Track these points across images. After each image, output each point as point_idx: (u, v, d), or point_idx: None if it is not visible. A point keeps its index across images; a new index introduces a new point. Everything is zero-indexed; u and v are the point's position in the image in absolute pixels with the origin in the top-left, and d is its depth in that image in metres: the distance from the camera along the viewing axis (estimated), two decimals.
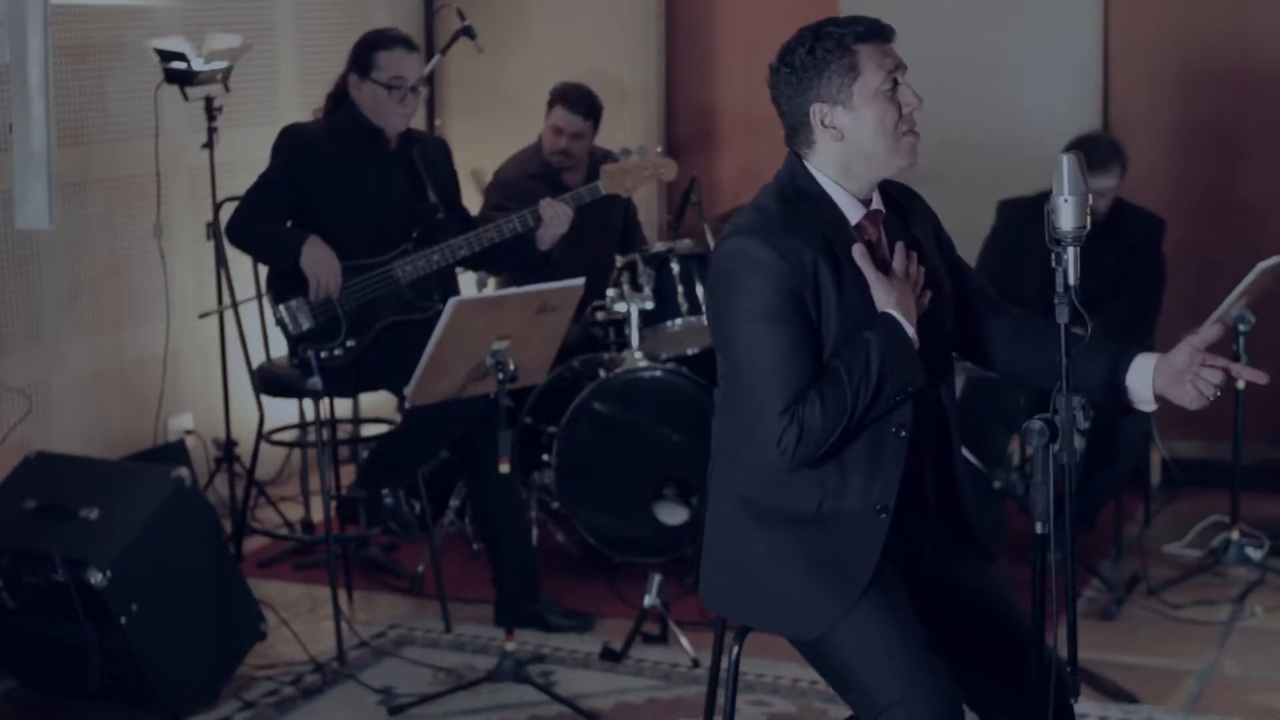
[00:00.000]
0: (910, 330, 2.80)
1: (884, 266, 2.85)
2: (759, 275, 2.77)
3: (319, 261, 4.64)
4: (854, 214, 2.88)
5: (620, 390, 5.15)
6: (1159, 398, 2.87)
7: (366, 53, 4.74)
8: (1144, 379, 2.87)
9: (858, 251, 2.82)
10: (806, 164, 2.89)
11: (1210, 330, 2.88)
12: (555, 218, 4.73)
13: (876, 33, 2.84)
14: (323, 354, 4.66)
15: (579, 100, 5.80)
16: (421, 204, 4.76)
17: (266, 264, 4.83)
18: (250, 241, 4.80)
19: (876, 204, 2.91)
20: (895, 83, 2.83)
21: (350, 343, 4.71)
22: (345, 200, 4.71)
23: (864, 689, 2.78)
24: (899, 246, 2.87)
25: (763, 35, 6.60)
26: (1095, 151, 5.17)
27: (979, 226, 5.63)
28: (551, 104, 5.85)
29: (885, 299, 2.81)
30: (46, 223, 3.98)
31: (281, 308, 4.73)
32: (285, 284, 4.71)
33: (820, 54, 2.82)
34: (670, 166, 4.99)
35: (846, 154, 2.85)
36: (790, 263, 2.77)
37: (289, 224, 4.75)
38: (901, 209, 2.97)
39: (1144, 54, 6.16)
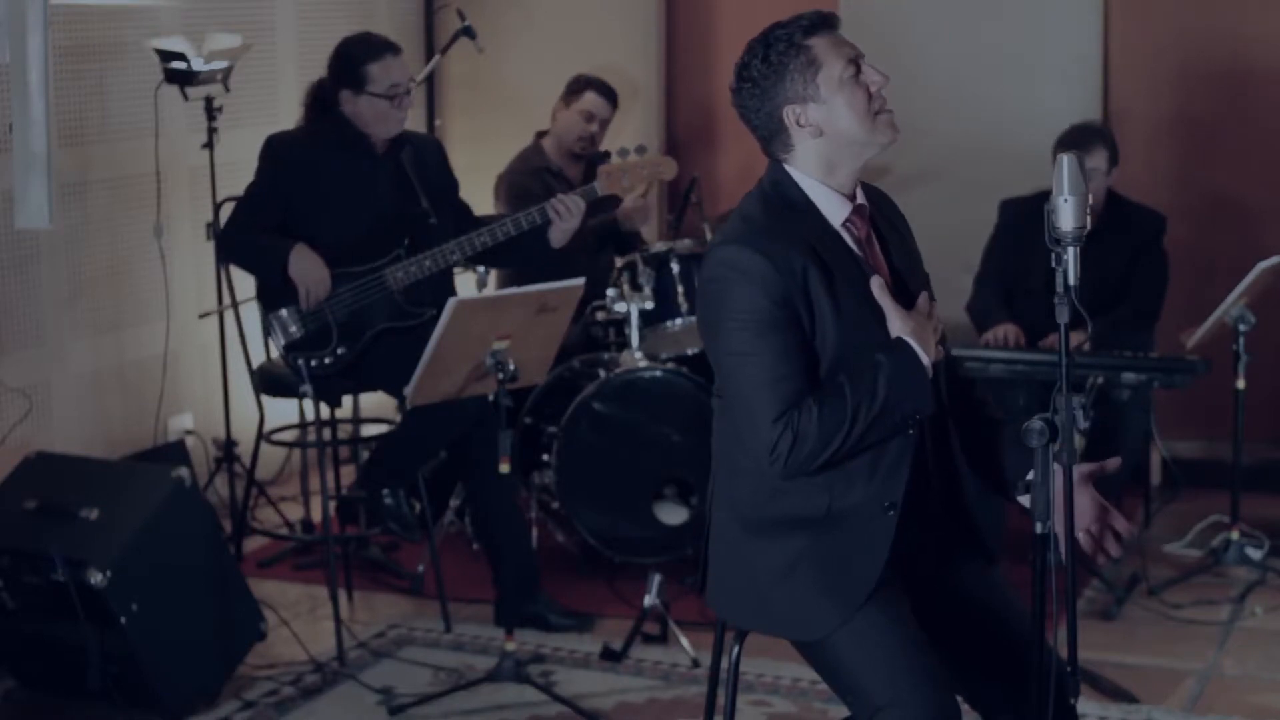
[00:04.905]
0: (925, 359, 2.79)
1: (876, 259, 2.86)
2: (749, 283, 2.76)
3: (307, 269, 4.61)
4: (839, 212, 2.87)
5: (620, 390, 5.15)
6: None
7: (356, 67, 4.66)
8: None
9: (876, 285, 2.82)
10: (788, 168, 2.88)
11: (1111, 463, 2.89)
12: (567, 212, 4.64)
13: (823, 23, 2.85)
14: (313, 363, 4.66)
15: (608, 88, 5.85)
16: (412, 209, 4.71)
17: (257, 276, 4.80)
18: (239, 255, 4.82)
19: (860, 199, 2.90)
20: (858, 66, 2.84)
21: (341, 350, 4.68)
22: (331, 207, 4.68)
23: (859, 690, 2.79)
24: (923, 296, 2.87)
25: None
26: (1081, 134, 5.30)
27: (979, 226, 5.63)
28: (579, 91, 5.83)
29: (901, 326, 2.80)
30: (46, 222, 3.99)
31: (271, 316, 4.70)
32: (275, 293, 4.68)
33: (775, 59, 2.82)
34: (670, 166, 4.89)
35: (828, 148, 2.84)
36: (780, 269, 2.76)
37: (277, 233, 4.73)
38: (876, 206, 2.97)
39: (1144, 54, 6.15)
